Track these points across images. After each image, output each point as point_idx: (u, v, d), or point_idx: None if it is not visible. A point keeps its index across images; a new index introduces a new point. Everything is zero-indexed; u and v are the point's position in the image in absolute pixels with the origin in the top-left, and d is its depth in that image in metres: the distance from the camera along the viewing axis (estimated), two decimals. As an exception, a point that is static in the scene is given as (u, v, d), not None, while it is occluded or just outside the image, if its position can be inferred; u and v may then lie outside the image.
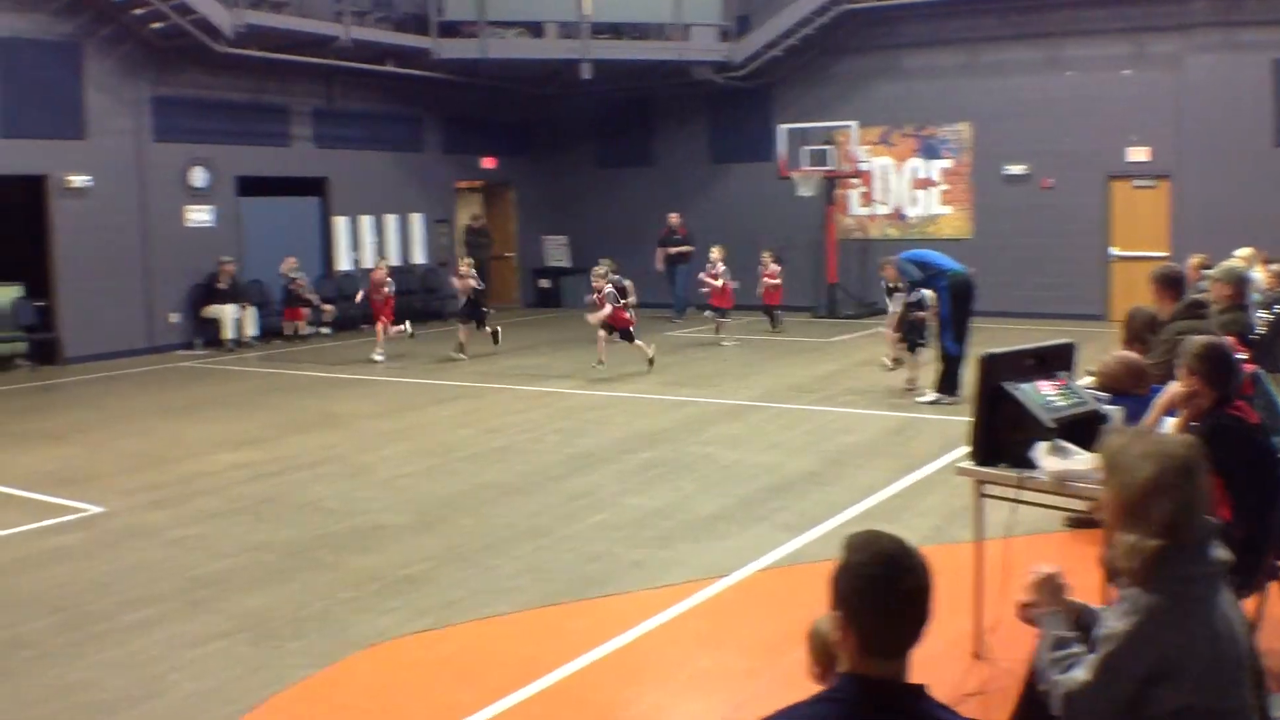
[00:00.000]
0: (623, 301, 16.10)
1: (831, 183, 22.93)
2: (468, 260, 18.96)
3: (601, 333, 15.94)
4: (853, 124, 22.51)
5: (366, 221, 24.08)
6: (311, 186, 23.15)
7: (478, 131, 26.10)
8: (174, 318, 20.51)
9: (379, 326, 18.53)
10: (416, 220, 25.09)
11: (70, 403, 15.51)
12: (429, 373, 16.66)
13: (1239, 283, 9.04)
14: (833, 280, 22.93)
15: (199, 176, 20.81)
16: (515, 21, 23.53)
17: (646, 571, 7.40)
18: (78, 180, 19.02)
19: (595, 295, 16.07)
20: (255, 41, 20.17)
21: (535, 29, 23.71)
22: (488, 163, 26.53)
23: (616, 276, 16.80)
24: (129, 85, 19.78)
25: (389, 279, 19.30)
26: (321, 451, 11.43)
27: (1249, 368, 6.38)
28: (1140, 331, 7.55)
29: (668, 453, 10.95)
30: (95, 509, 9.38)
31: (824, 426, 12.08)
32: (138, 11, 18.87)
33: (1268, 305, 11.09)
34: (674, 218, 23.05)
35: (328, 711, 5.53)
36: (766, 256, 20.55)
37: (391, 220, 24.54)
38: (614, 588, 7.11)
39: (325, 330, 21.92)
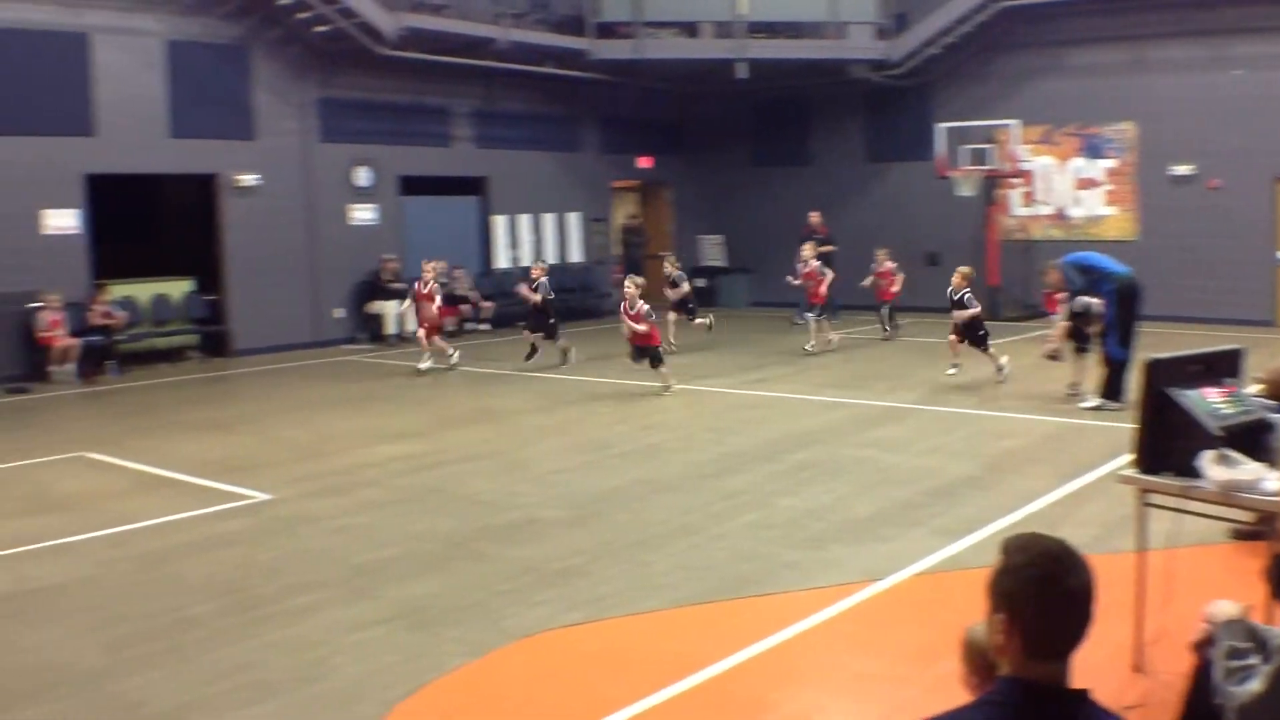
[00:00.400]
0: (652, 315, 14.90)
1: (992, 182, 22.47)
2: (540, 264, 18.22)
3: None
4: (1013, 123, 22.03)
5: (524, 220, 24.41)
6: (471, 186, 23.57)
7: (634, 131, 26.27)
8: (338, 313, 21.09)
9: (422, 332, 17.01)
10: (573, 219, 25.37)
11: (238, 394, 16.05)
12: (582, 370, 16.80)
13: None
14: (994, 282, 22.44)
15: (363, 176, 21.37)
16: (671, 22, 23.63)
17: (799, 572, 7.36)
18: (247, 179, 19.70)
19: (633, 310, 14.80)
20: (416, 44, 20.61)
21: (690, 29, 23.76)
22: (643, 162, 26.68)
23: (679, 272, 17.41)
24: (296, 87, 20.41)
25: (437, 282, 17.56)
26: (479, 445, 11.63)
27: None
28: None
29: (822, 454, 10.88)
30: (262, 496, 9.71)
31: (984, 430, 11.87)
32: (303, 15, 19.44)
33: None
34: (814, 216, 22.61)
35: (482, 699, 5.63)
36: (882, 254, 20.24)
37: (549, 219, 24.84)
38: (766, 588, 7.09)
39: (483, 327, 22.28)
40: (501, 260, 23.94)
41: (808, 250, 18.98)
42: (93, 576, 7.67)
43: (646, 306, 14.83)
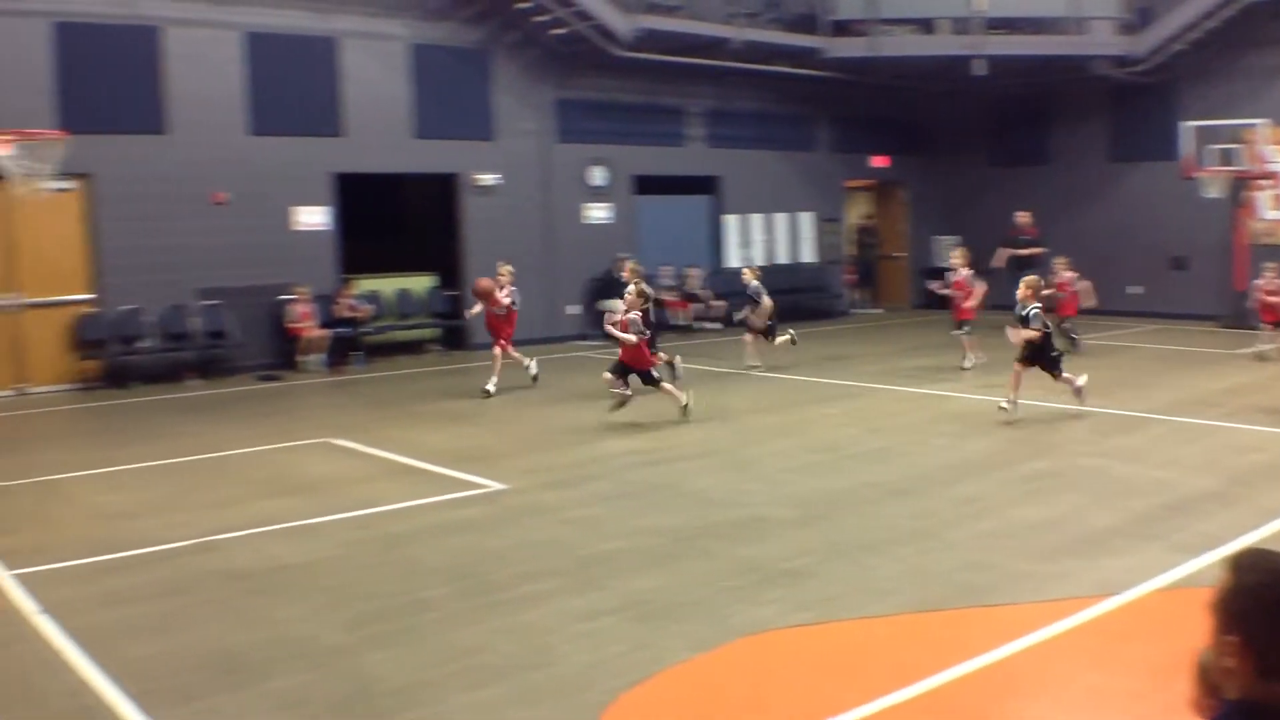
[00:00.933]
0: (644, 332, 13.00)
1: (1240, 184, 21.34)
2: (752, 268, 17.55)
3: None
4: (1262, 122, 20.85)
5: (756, 220, 24.39)
6: (704, 185, 23.68)
7: (868, 130, 25.96)
8: (571, 309, 21.49)
9: (497, 350, 15.35)
10: (806, 219, 25.21)
11: (475, 386, 16.47)
12: (812, 370, 16.69)
13: None
14: (1241, 288, 21.34)
15: (598, 175, 21.70)
16: (906, 19, 23.24)
17: (1030, 584, 7.12)
18: (486, 179, 20.29)
19: (617, 318, 13.28)
20: (651, 45, 20.82)
21: (926, 25, 23.34)
22: (878, 161, 26.33)
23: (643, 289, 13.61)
24: (534, 89, 20.89)
25: (509, 286, 15.86)
26: (708, 443, 11.67)
27: None
28: None
29: (1059, 463, 10.52)
30: (497, 486, 9.96)
31: (1228, 443, 11.27)
32: (541, 19, 19.87)
33: None
34: (1022, 216, 21.54)
35: (705, 694, 5.63)
36: (1060, 264, 18.98)
37: (781, 219, 24.76)
38: (997, 598, 6.89)
39: (713, 325, 22.35)
40: (733, 259, 23.97)
41: (957, 257, 17.49)
42: (336, 557, 8.00)
43: (635, 315, 12.91)
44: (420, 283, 20.39)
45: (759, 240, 24.44)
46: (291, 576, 7.57)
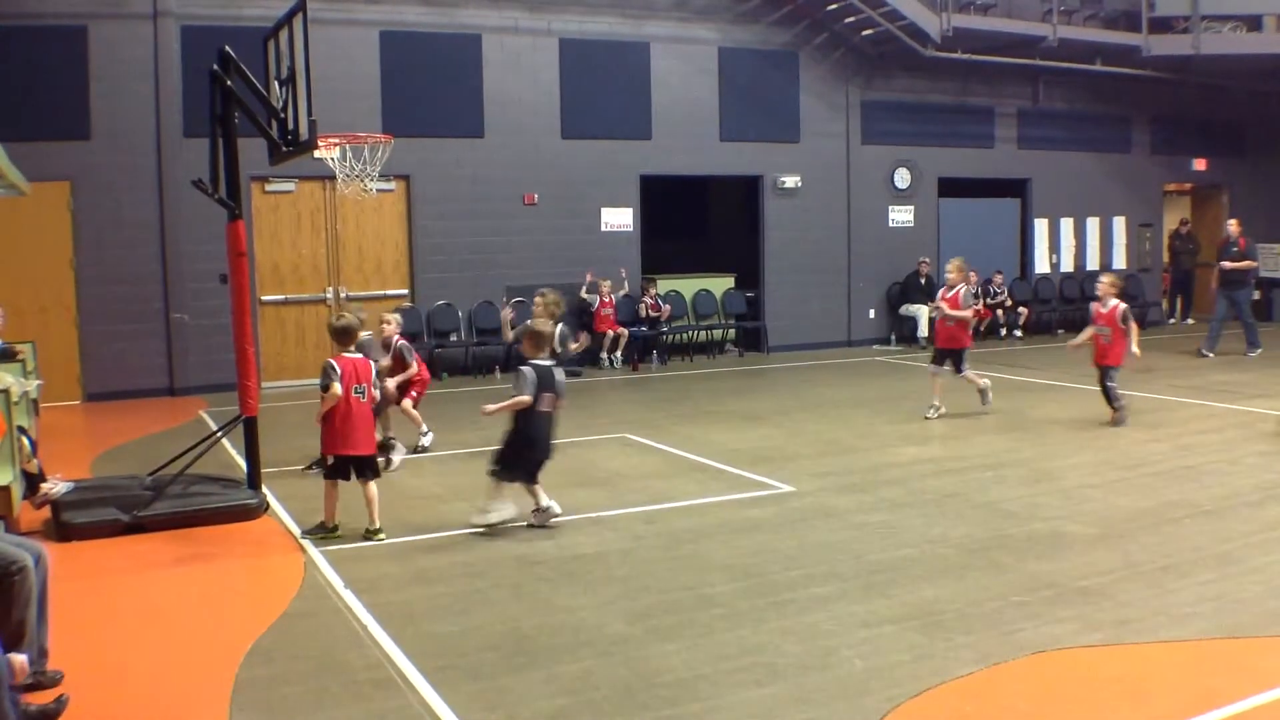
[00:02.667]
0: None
1: None
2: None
3: None
4: None
5: (1066, 224, 23.57)
6: (1012, 188, 23.04)
7: (1188, 131, 24.66)
8: (871, 314, 21.31)
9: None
10: (1119, 224, 24.18)
11: (770, 388, 16.58)
12: (1122, 383, 15.99)
13: None
14: None
15: (902, 177, 21.42)
16: (1231, 15, 21.97)
17: (1353, 615, 6.64)
18: (789, 181, 20.32)
19: (950, 295, 13.44)
20: (961, 44, 20.42)
21: (1254, 22, 21.99)
22: (1198, 164, 24.98)
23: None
24: (839, 90, 20.82)
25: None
26: (1006, 454, 11.37)
27: None
28: None
29: (1392, 487, 9.76)
30: (786, 488, 10.00)
31: None
32: (850, 20, 19.77)
33: None
34: (1233, 225, 19.19)
35: (989, 710, 5.50)
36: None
37: (1093, 223, 23.83)
38: (1312, 628, 6.46)
39: (1017, 333, 21.76)
40: (1041, 265, 23.23)
41: (1105, 284, 13.34)
42: (625, 549, 8.21)
43: (964, 289, 13.44)
44: (720, 284, 20.63)
45: (1067, 245, 23.58)
46: (584, 566, 7.81)
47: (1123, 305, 13.04)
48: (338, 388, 8.43)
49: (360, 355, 8.82)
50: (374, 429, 9.03)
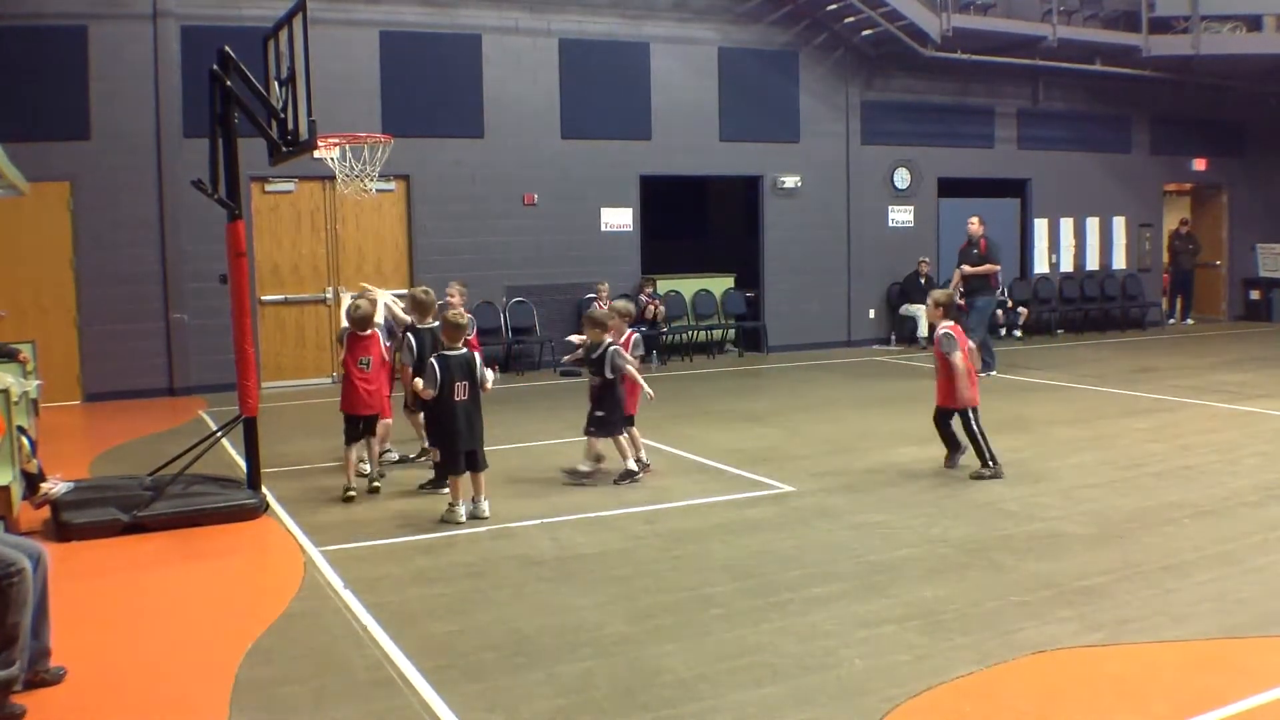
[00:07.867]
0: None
1: None
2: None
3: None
4: None
5: (1066, 224, 23.58)
6: (1011, 187, 23.05)
7: (1188, 132, 24.67)
8: (870, 314, 21.32)
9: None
10: (1119, 224, 24.19)
11: (769, 388, 16.57)
12: (1120, 383, 16.02)
13: None
14: None
15: (902, 177, 21.43)
16: (1231, 15, 21.98)
17: (1354, 615, 6.65)
18: (789, 181, 20.32)
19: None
20: (961, 44, 20.45)
21: (1253, 22, 22.00)
22: (1198, 164, 24.99)
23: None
24: (839, 90, 20.83)
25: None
26: (1006, 454, 11.32)
27: None
28: None
29: (1391, 487, 9.76)
30: (786, 488, 10.01)
31: None
32: (849, 20, 19.79)
33: None
34: (974, 224, 17.43)
35: (987, 710, 5.50)
36: None
37: (1092, 223, 23.84)
38: (1310, 628, 6.47)
39: (1017, 333, 21.78)
40: (1041, 265, 23.24)
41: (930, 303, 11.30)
42: (625, 549, 8.21)
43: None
44: (719, 284, 20.64)
45: (1068, 245, 23.59)
46: (583, 566, 7.81)
47: (942, 328, 10.39)
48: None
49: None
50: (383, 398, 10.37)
